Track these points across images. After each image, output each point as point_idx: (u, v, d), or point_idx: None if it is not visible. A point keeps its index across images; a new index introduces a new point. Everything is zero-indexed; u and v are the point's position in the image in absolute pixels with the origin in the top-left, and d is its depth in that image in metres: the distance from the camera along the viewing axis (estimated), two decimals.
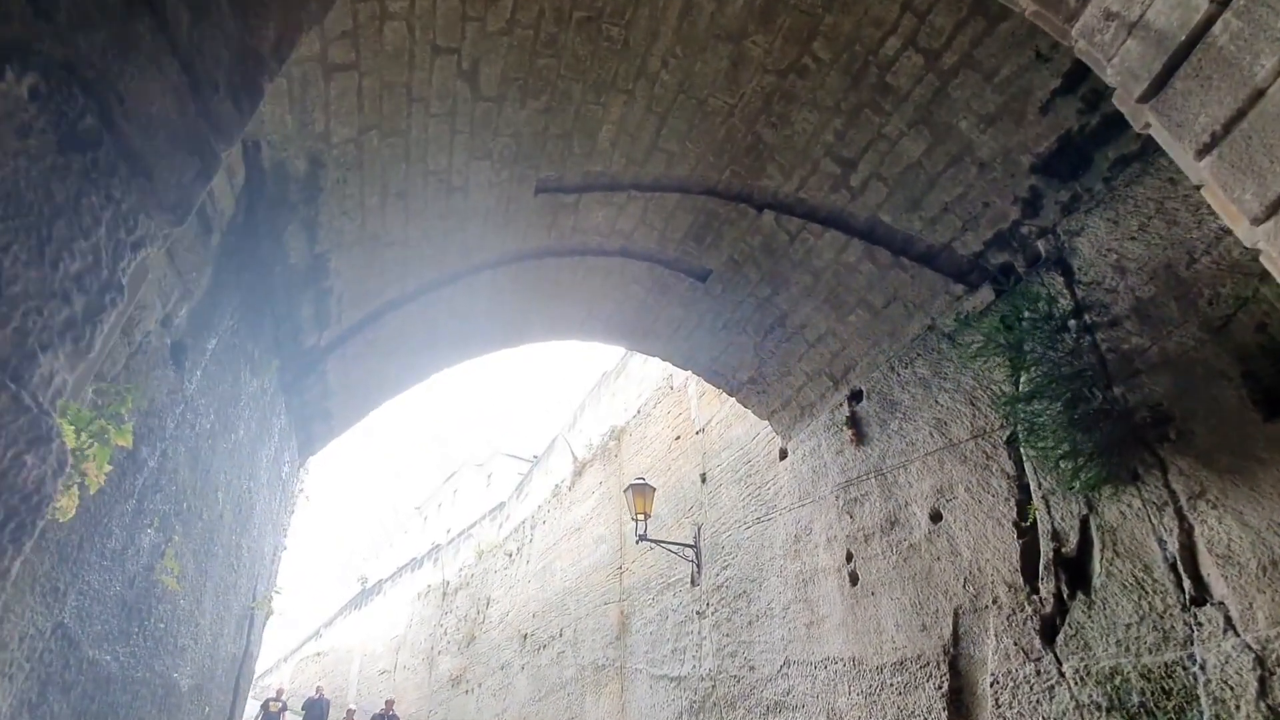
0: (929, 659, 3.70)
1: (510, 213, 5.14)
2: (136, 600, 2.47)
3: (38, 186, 1.00)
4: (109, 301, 1.18)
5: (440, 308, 5.79)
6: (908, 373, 4.56)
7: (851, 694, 4.27)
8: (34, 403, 1.01)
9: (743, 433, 6.81)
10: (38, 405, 1.02)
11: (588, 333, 6.78)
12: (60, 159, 1.04)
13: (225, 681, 3.84)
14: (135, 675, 2.48)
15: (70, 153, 1.06)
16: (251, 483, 4.00)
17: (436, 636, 17.73)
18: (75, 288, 1.09)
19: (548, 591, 11.63)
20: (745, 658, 5.68)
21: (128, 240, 1.21)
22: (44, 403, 1.04)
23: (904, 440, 4.41)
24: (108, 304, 1.18)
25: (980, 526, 3.61)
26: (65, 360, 1.09)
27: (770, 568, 5.64)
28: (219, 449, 3.27)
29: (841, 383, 5.22)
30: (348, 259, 4.64)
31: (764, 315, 5.64)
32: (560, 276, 6.06)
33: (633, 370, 10.76)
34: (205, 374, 3.00)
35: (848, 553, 4.64)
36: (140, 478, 2.44)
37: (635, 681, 7.73)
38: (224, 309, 3.20)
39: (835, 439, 5.14)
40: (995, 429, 3.73)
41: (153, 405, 2.49)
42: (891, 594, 4.11)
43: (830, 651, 4.59)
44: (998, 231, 4.12)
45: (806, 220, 4.92)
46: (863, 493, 4.66)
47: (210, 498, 3.18)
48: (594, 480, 10.92)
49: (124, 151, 1.18)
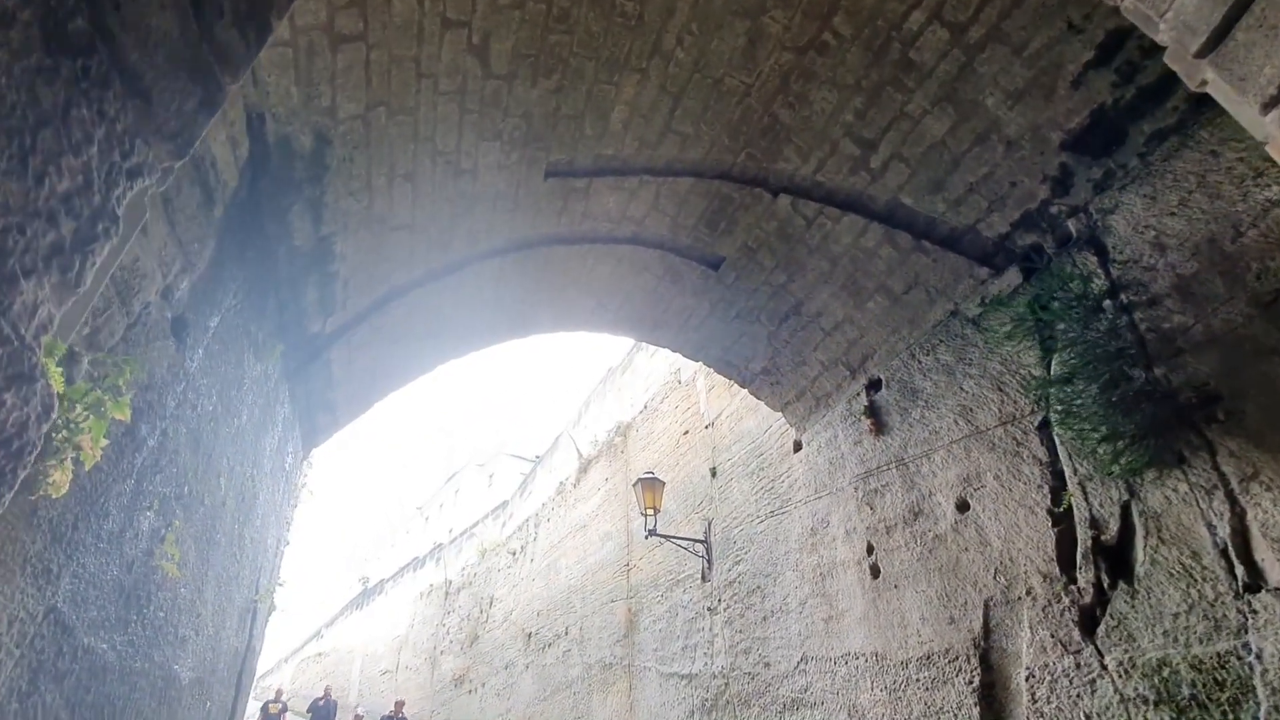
0: (958, 653, 3.57)
1: (519, 197, 5.01)
2: (135, 586, 2.34)
3: (20, 86, 0.87)
4: (101, 231, 1.05)
5: (446, 296, 5.67)
6: (930, 360, 4.43)
7: (875, 690, 4.13)
8: (14, 334, 0.89)
9: (754, 426, 6.68)
10: (19, 338, 0.90)
11: (597, 323, 6.65)
12: (47, 60, 0.91)
13: (227, 676, 3.71)
14: (133, 665, 2.35)
15: (59, 55, 0.94)
16: (255, 471, 3.87)
17: (439, 636, 17.59)
18: (63, 209, 0.96)
19: (552, 590, 11.49)
20: (760, 654, 5.55)
21: (123, 165, 1.08)
22: (26, 336, 0.91)
23: (927, 429, 4.28)
24: (100, 234, 1.05)
25: (1011, 515, 3.48)
26: (51, 291, 0.96)
27: (785, 562, 5.50)
28: (221, 433, 3.15)
29: (859, 372, 5.09)
30: (354, 242, 4.52)
31: (778, 303, 5.51)
32: (569, 265, 5.93)
33: (639, 365, 10.63)
34: (208, 353, 2.88)
35: (868, 545, 4.50)
36: (139, 457, 2.31)
37: (644, 680, 7.59)
38: (227, 286, 3.07)
39: (853, 429, 5.01)
40: (1026, 414, 3.60)
41: (152, 380, 2.36)
42: (916, 586, 3.98)
43: (851, 647, 4.45)
44: (1026, 212, 3.99)
45: (824, 204, 4.79)
46: (883, 483, 4.53)
47: (212, 483, 3.06)
48: (599, 477, 10.78)
49: (119, 64, 1.05)
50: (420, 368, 6.36)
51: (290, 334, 4.54)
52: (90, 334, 2.04)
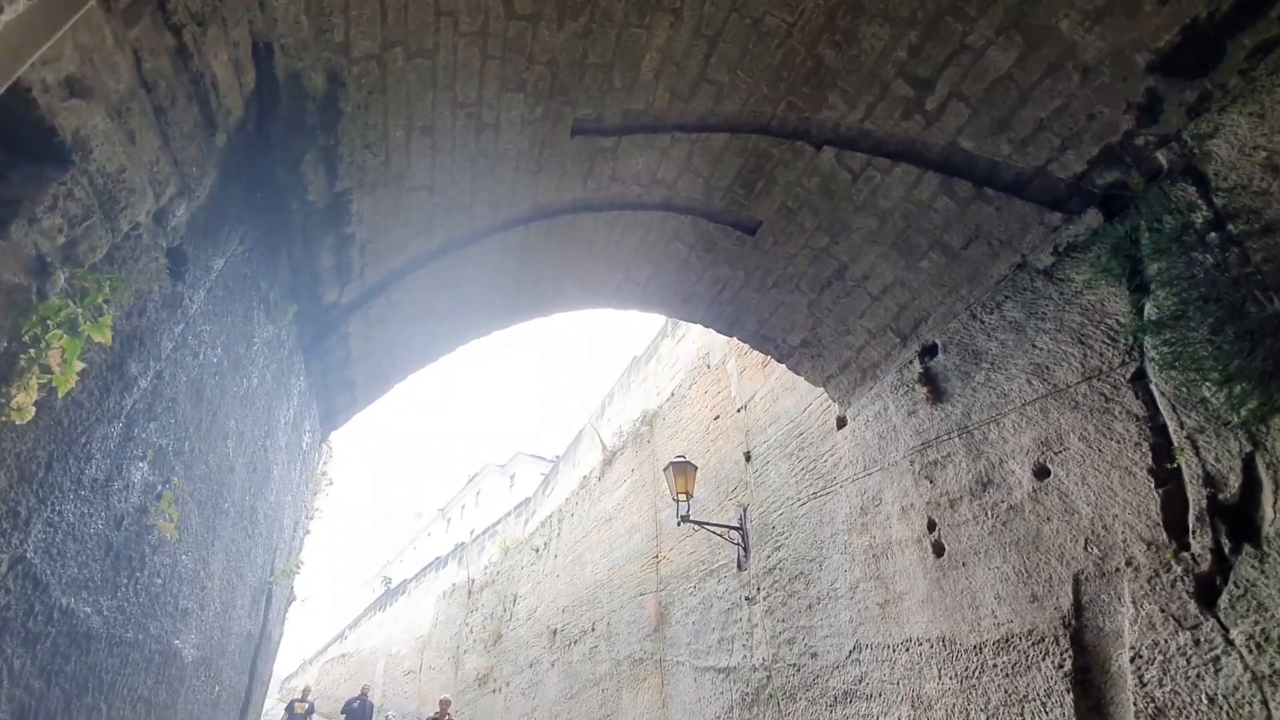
0: (1043, 634, 3.19)
1: (544, 158, 4.72)
2: (125, 546, 2.06)
3: None
4: None
5: (468, 268, 5.40)
6: (994, 318, 4.05)
7: (942, 678, 3.76)
8: None
9: (791, 405, 6.32)
10: None
11: (624, 299, 6.33)
12: None
13: (239, 660, 3.45)
14: (124, 635, 2.07)
15: None
16: (268, 441, 3.61)
17: (462, 635, 17.38)
18: None
19: (577, 585, 11.18)
20: (806, 644, 5.18)
21: None
22: None
23: (994, 392, 3.90)
24: None
25: (1103, 478, 3.09)
26: None
27: (832, 545, 5.13)
28: (228, 391, 2.88)
29: (911, 338, 4.71)
30: (371, 203, 4.25)
31: (820, 268, 5.15)
32: (596, 235, 5.63)
33: (664, 353, 10.30)
34: (211, 297, 2.61)
35: (929, 521, 4.13)
36: (129, 398, 2.04)
37: (677, 674, 7.24)
38: (232, 229, 2.81)
39: (906, 399, 4.63)
40: (1115, 367, 3.21)
41: (143, 312, 2.09)
42: (988, 563, 3.60)
43: (912, 632, 4.07)
44: (1106, 146, 3.59)
45: (872, 155, 4.44)
46: (944, 454, 4.15)
47: (218, 444, 2.79)
48: (625, 469, 10.47)
49: None
50: (441, 347, 6.10)
51: (305, 301, 4.29)
52: (66, 245, 1.77)
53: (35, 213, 1.67)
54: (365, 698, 13.44)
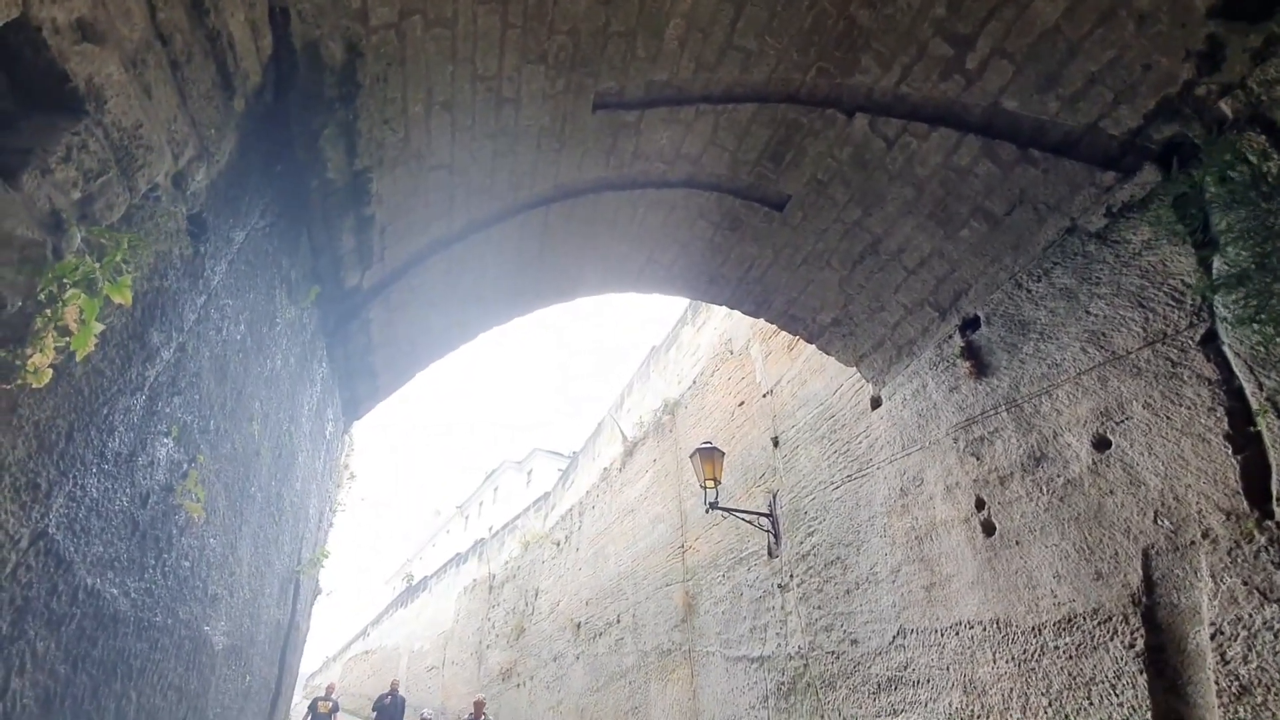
0: (1111, 612, 3.01)
1: (565, 134, 4.58)
2: (152, 525, 1.96)
3: None
4: None
5: (488, 251, 5.28)
6: (1042, 286, 3.86)
7: (997, 662, 3.59)
8: None
9: (821, 387, 6.15)
10: None
11: (648, 282, 6.19)
12: None
13: (269, 651, 3.36)
14: (153, 619, 1.97)
15: None
16: (292, 427, 3.52)
17: (484, 630, 17.38)
18: None
19: (601, 578, 11.09)
20: (844, 631, 5.02)
21: None
22: None
23: (1044, 363, 3.71)
24: None
25: (1172, 447, 2.91)
26: None
27: (870, 528, 4.97)
28: (252, 370, 2.78)
29: (950, 311, 4.53)
30: (390, 182, 4.14)
31: (852, 243, 4.98)
32: (619, 215, 5.49)
33: (684, 341, 10.15)
34: (233, 271, 2.50)
35: (977, 500, 3.95)
36: (152, 369, 1.93)
37: (707, 665, 7.11)
38: (253, 201, 2.70)
39: (947, 375, 4.45)
40: (1181, 329, 3.02)
41: (165, 280, 1.98)
42: (1045, 541, 3.42)
43: (962, 615, 3.91)
44: (1164, 98, 3.39)
45: (908, 120, 4.25)
46: (991, 430, 3.97)
47: (244, 425, 2.69)
48: (647, 459, 10.34)
49: None
50: (462, 334, 5.99)
51: (327, 285, 4.19)
52: (82, 201, 1.66)
53: (48, 163, 1.56)
54: (396, 693, 12.87)
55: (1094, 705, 3.03)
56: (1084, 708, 3.07)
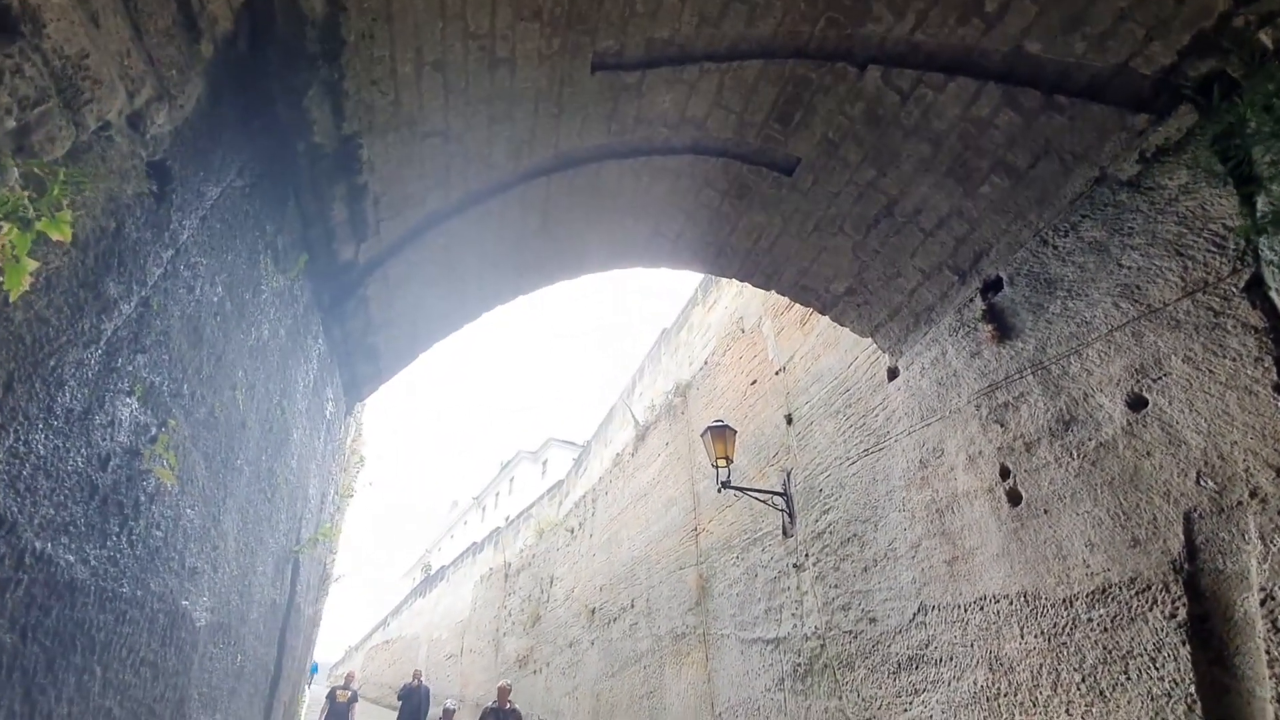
0: (1149, 581, 2.82)
1: (564, 98, 4.40)
2: (115, 490, 1.83)
3: None
4: None
5: (489, 225, 5.12)
6: (1069, 241, 3.63)
7: (1025, 637, 3.40)
8: None
9: (835, 361, 5.95)
10: None
11: (654, 255, 6.00)
12: None
13: (265, 631, 3.26)
14: (119, 590, 1.85)
15: None
16: (285, 401, 3.40)
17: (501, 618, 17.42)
18: None
19: (614, 564, 10.99)
20: (862, 609, 4.85)
21: None
22: None
23: (1072, 322, 3.50)
24: None
25: (1215, 402, 2.70)
26: None
27: (888, 503, 4.78)
28: (234, 338, 2.65)
29: (970, 274, 4.31)
30: (382, 149, 4.00)
31: (866, 206, 4.76)
32: (622, 185, 5.30)
33: (695, 321, 9.96)
34: (206, 228, 2.36)
35: (1002, 468, 3.75)
36: (108, 322, 1.80)
37: (722, 648, 6.97)
38: (228, 157, 2.56)
39: (967, 341, 4.24)
40: (1224, 277, 2.80)
41: (122, 228, 1.85)
42: (1077, 508, 3.22)
43: (987, 589, 3.72)
44: (1198, 32, 3.15)
45: (923, 71, 4.02)
46: (1016, 395, 3.76)
47: (225, 393, 2.56)
48: (659, 442, 10.19)
49: None
50: (464, 313, 5.85)
51: (321, 258, 4.07)
52: (18, 131, 1.52)
53: None
54: (420, 683, 12.70)
55: (1131, 680, 2.84)
56: (1120, 683, 2.89)
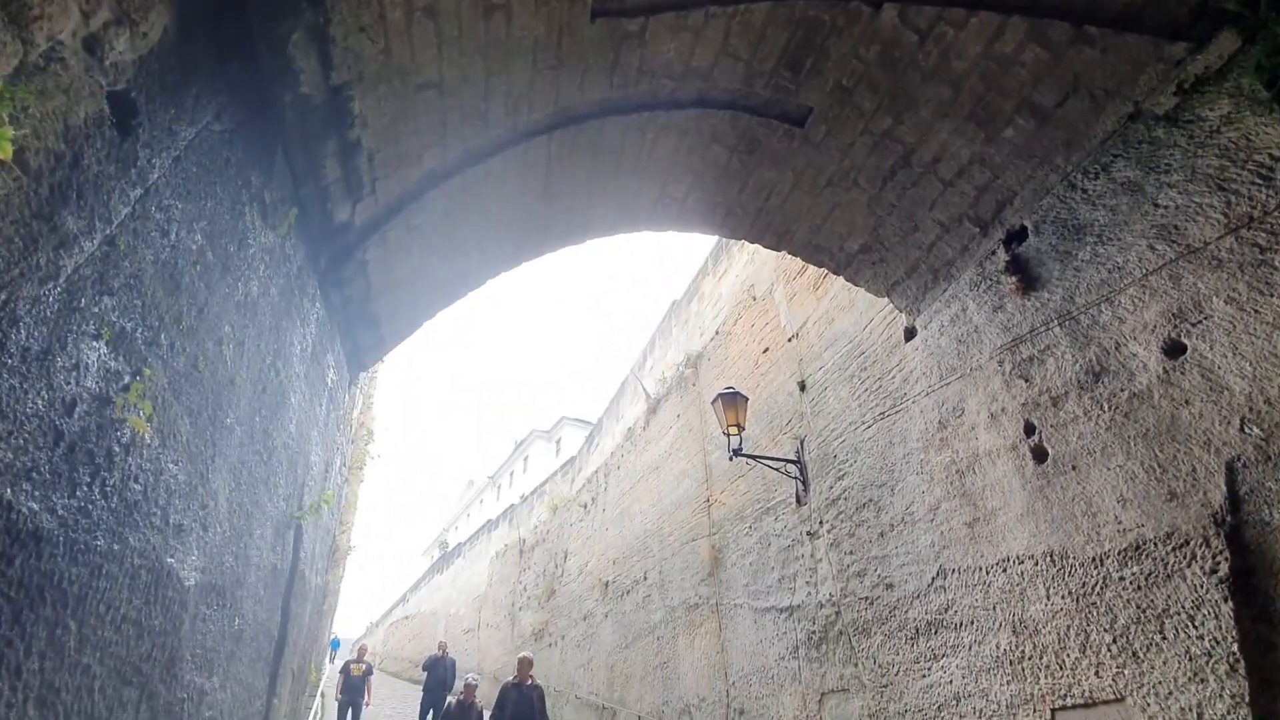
0: (1188, 535, 2.66)
1: (563, 48, 4.20)
2: (84, 437, 1.73)
3: None
4: None
5: (489, 187, 4.96)
6: (1099, 184, 3.42)
7: (1051, 599, 3.27)
8: None
9: (850, 324, 5.76)
10: None
11: (661, 218, 5.82)
12: None
13: (266, 596, 3.20)
14: (92, 543, 1.75)
15: None
16: (279, 363, 3.29)
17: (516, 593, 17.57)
18: None
19: (627, 537, 10.96)
20: (879, 575, 4.73)
21: None
22: None
23: (1103, 268, 3.30)
24: None
25: (1262, 343, 2.51)
26: None
27: (905, 466, 4.63)
28: (217, 289, 2.53)
29: (993, 225, 4.10)
30: (374, 102, 3.84)
31: (882, 157, 4.54)
32: (626, 144, 5.10)
33: (706, 292, 9.78)
34: (180, 170, 2.24)
35: (1026, 425, 3.59)
36: (68, 259, 1.68)
37: (735, 617, 6.91)
38: (204, 97, 2.42)
39: (989, 295, 4.05)
40: (1270, 210, 2.59)
41: (80, 158, 1.73)
42: (1108, 463, 3.06)
43: (1010, 550, 3.58)
44: None
45: (943, 6, 3.77)
46: (1041, 348, 3.58)
47: (208, 347, 2.45)
48: (670, 415, 10.08)
49: None
50: (467, 280, 5.71)
51: (314, 218, 3.94)
52: None
53: None
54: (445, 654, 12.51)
55: (1167, 639, 2.70)
56: (1155, 643, 2.75)
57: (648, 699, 9.06)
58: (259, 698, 3.21)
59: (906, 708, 4.24)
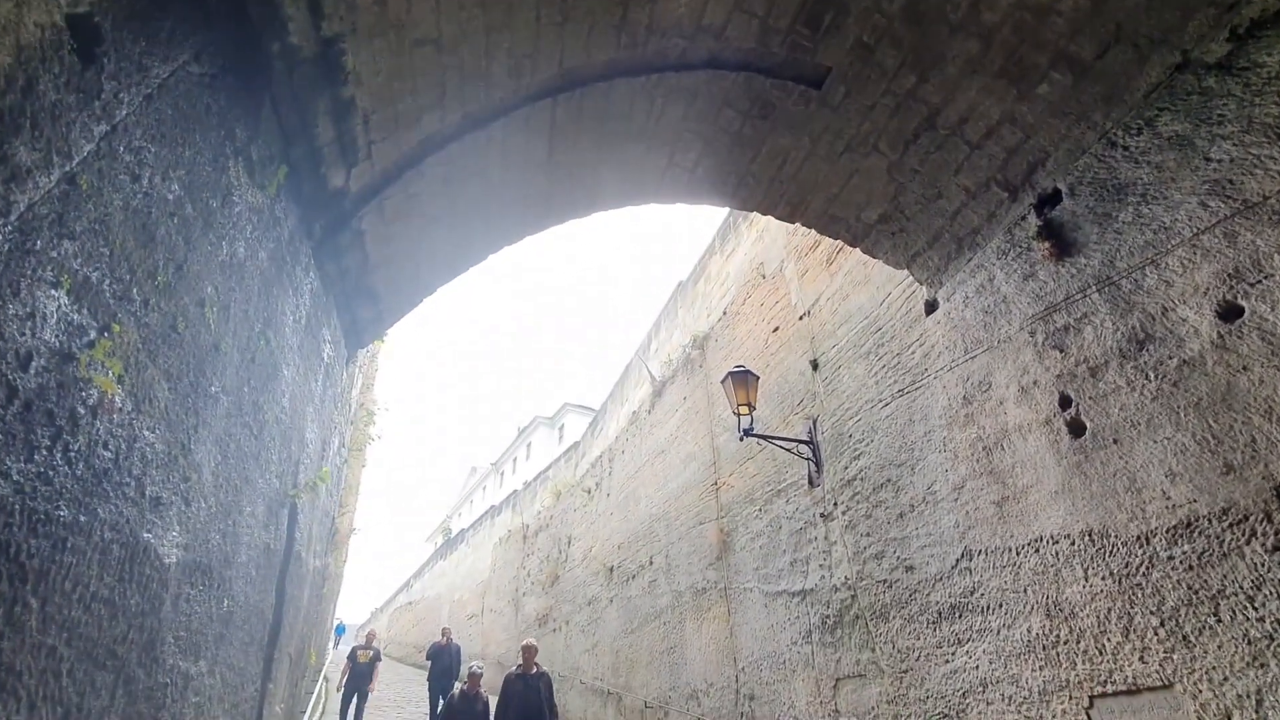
0: (1246, 510, 2.48)
1: (568, 3, 3.97)
2: (42, 395, 1.55)
3: None
4: None
5: (491, 154, 4.75)
6: (1143, 140, 3.19)
7: (1090, 580, 3.09)
8: None
9: (866, 300, 5.56)
10: None
11: (669, 189, 5.60)
12: None
13: (258, 577, 3.03)
14: (54, 513, 1.57)
15: None
16: (270, 332, 3.11)
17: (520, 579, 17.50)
18: None
19: (632, 522, 10.82)
20: (898, 557, 4.56)
21: None
22: None
23: (1148, 229, 3.09)
24: None
25: None
26: None
27: (926, 444, 4.45)
28: (199, 248, 2.34)
29: (1023, 189, 3.88)
30: (369, 58, 3.62)
31: (904, 119, 4.32)
32: (634, 108, 4.88)
33: (713, 272, 9.56)
34: (153, 110, 2.03)
35: (1061, 397, 3.39)
36: (20, 194, 1.49)
37: (745, 602, 6.76)
38: (179, 34, 2.22)
39: (1019, 263, 3.84)
40: None
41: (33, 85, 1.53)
42: (1154, 435, 2.87)
43: (1044, 529, 3.40)
44: None
45: None
46: (1078, 316, 3.38)
47: (190, 309, 2.26)
48: (677, 397, 9.89)
49: None
50: (469, 254, 5.51)
51: (307, 182, 3.74)
52: None
53: None
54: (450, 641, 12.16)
55: (1222, 622, 2.52)
56: (1208, 625, 2.57)
57: (654, 684, 8.95)
58: (252, 683, 3.06)
59: (928, 694, 4.09)
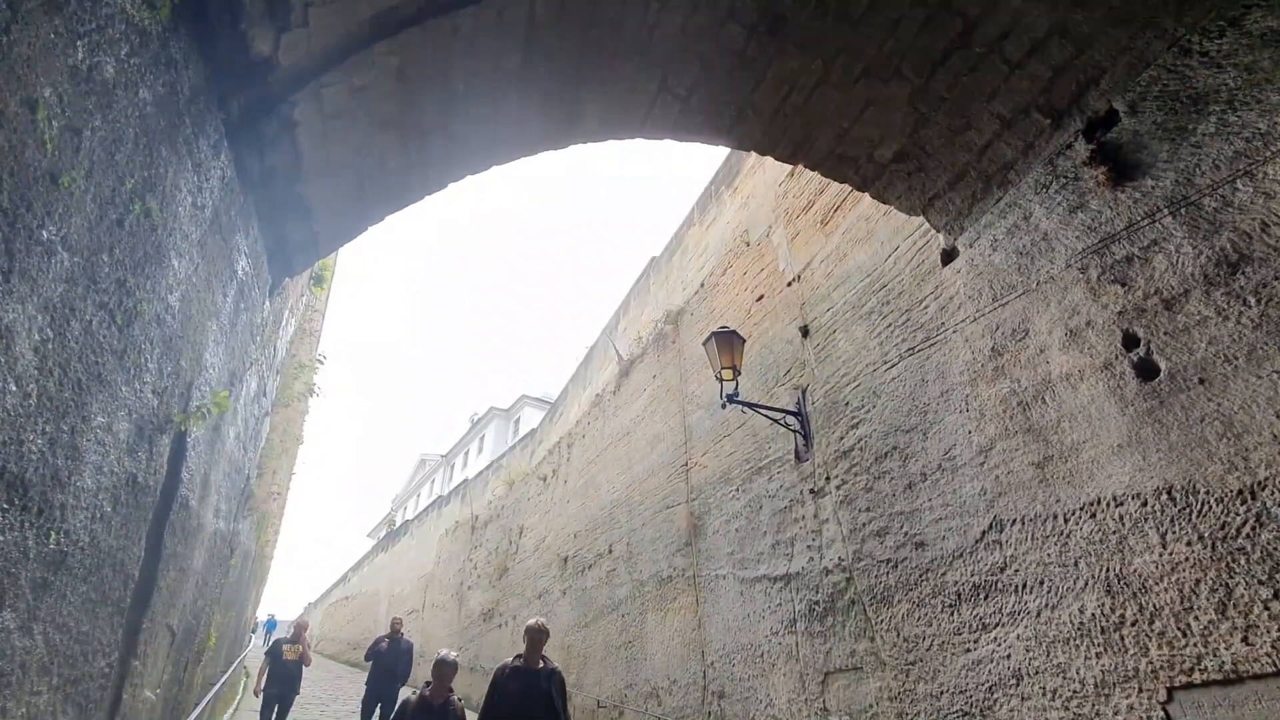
0: None
1: None
2: None
3: None
4: None
5: (455, 51, 4.04)
6: (1226, 42, 2.74)
7: (1170, 546, 2.60)
8: None
9: (867, 257, 5.05)
10: None
11: (659, 121, 4.97)
12: None
13: (117, 518, 2.27)
14: None
15: None
16: (151, 200, 2.35)
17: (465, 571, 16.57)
18: None
19: (590, 509, 10.14)
20: (906, 533, 4.04)
21: None
22: None
23: (1236, 139, 2.62)
24: None
25: None
26: None
27: (944, 405, 3.94)
28: (31, 27, 1.61)
29: (1069, 114, 3.41)
30: None
31: (934, 35, 3.80)
32: (625, 13, 4.23)
33: (690, 244, 8.99)
34: None
35: (1126, 336, 2.91)
36: None
37: (716, 590, 6.18)
38: None
39: (1064, 195, 3.36)
40: None
41: None
42: (1257, 369, 2.40)
43: (1104, 490, 2.91)
44: None
45: None
46: (1145, 245, 2.90)
47: (9, 105, 1.52)
48: (645, 376, 9.28)
49: None
50: (425, 177, 4.76)
51: (221, 38, 2.98)
52: None
53: None
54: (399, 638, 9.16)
55: None
56: None
57: (608, 682, 8.29)
58: (103, 655, 2.30)
59: (942, 688, 3.57)
